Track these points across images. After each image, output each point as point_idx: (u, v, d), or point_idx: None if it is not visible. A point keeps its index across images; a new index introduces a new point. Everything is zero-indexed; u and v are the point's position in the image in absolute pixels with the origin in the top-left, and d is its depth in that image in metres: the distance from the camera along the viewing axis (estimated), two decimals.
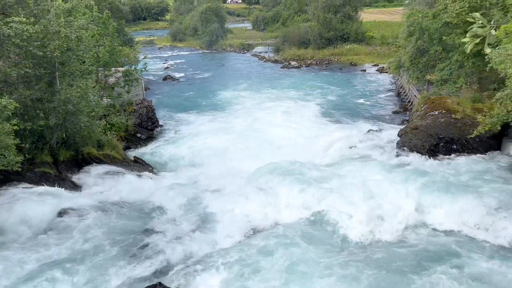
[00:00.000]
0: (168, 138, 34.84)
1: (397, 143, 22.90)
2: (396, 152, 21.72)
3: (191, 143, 32.89)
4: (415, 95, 39.06)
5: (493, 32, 4.31)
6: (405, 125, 24.88)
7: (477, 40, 4.42)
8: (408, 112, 37.78)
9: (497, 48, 12.90)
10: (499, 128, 15.76)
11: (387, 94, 47.37)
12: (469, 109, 21.93)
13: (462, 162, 19.20)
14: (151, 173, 25.27)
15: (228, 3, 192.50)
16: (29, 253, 14.41)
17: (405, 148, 21.25)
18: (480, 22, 4.33)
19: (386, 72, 57.41)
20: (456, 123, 21.36)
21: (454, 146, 20.50)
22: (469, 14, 4.56)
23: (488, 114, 12.99)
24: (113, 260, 14.59)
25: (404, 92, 43.13)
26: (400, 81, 46.71)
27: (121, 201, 18.94)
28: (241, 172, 24.14)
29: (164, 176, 25.03)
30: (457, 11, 20.75)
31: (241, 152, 30.10)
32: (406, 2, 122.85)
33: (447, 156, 20.29)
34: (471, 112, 21.66)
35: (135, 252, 15.27)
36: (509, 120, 12.03)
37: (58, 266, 13.76)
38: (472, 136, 16.98)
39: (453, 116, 21.83)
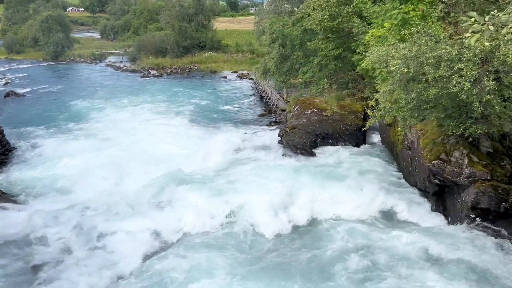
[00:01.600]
0: (25, 162, 30.47)
1: (279, 142, 24.18)
2: (282, 151, 22.94)
3: (54, 163, 29.33)
4: (278, 98, 41.81)
5: (491, 27, 4.93)
6: (284, 125, 26.44)
7: (478, 35, 5.01)
8: (273, 114, 40.21)
9: (369, 51, 14.59)
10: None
11: (251, 99, 49.54)
12: (336, 107, 24.45)
13: (340, 154, 21.33)
14: (15, 204, 21.87)
15: (68, 11, 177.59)
16: None
17: (289, 146, 22.58)
18: (474, 19, 4.91)
19: (246, 78, 60.11)
20: (328, 120, 23.61)
21: (330, 140, 22.66)
22: (466, 14, 5.20)
23: (376, 108, 14.72)
24: None
25: (267, 96, 45.66)
26: (262, 85, 49.29)
27: None
28: (124, 189, 22.62)
29: (32, 205, 21.84)
30: (319, 19, 22.85)
31: (116, 167, 27.80)
32: (252, 11, 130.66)
33: (326, 149, 22.24)
34: (338, 109, 24.21)
35: None
36: (392, 112, 13.82)
37: None
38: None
39: (324, 114, 24.04)
